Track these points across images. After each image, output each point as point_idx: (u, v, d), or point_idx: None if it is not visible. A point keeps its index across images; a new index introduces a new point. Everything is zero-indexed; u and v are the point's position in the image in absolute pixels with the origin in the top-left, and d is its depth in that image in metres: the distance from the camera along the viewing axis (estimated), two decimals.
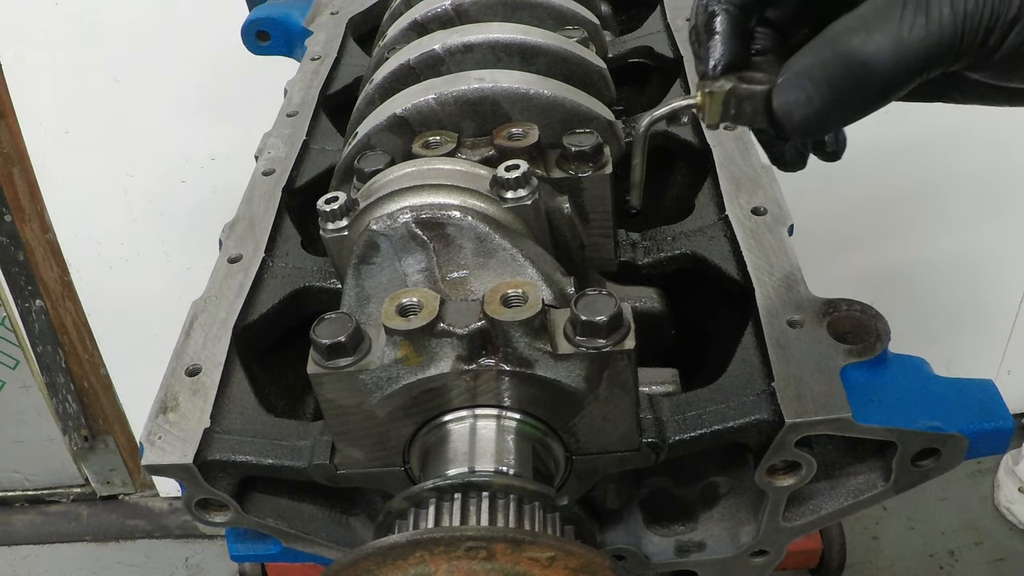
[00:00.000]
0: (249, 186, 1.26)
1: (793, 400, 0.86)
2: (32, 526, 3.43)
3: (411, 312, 0.81)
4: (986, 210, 2.85)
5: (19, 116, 2.62)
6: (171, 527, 3.37)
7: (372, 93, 1.18)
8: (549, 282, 0.92)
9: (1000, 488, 3.07)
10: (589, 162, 1.02)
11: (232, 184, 1.36)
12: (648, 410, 0.90)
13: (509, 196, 0.94)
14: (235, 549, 1.06)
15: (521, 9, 1.25)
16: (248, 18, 1.69)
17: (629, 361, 0.80)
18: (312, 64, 1.50)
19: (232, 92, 2.44)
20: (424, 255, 0.91)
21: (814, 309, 0.94)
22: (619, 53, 1.41)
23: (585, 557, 0.72)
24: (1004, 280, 3.01)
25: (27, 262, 2.94)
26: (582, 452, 0.89)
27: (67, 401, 3.22)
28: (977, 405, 0.88)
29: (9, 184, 2.80)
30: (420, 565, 0.71)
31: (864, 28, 0.68)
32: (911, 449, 0.88)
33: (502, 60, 1.13)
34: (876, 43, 0.67)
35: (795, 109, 0.72)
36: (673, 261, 1.09)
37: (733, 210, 1.09)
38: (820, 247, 2.84)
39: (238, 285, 1.09)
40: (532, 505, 0.78)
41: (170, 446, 0.92)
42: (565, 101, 1.06)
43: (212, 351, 1.01)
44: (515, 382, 0.83)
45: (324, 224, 0.97)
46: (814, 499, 0.97)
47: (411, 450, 0.89)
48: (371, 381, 0.82)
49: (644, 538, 1.03)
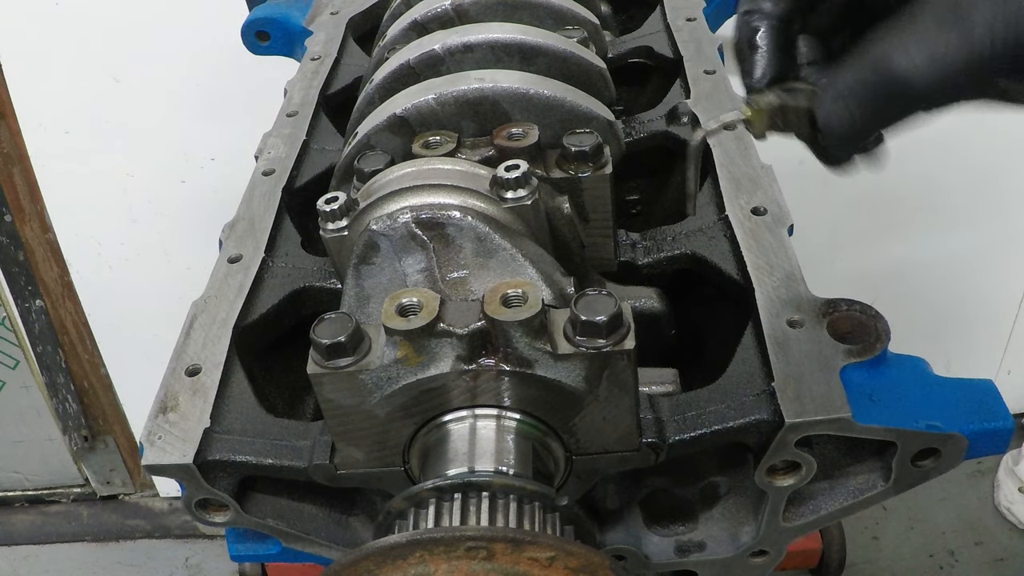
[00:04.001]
0: (249, 186, 1.26)
1: (793, 400, 0.86)
2: (32, 526, 3.43)
3: (411, 312, 0.81)
4: (986, 210, 2.85)
5: (19, 116, 2.62)
6: (171, 527, 3.37)
7: (372, 93, 1.18)
8: (549, 282, 0.92)
9: (1000, 488, 3.07)
10: (589, 162, 1.02)
11: (232, 184, 1.36)
12: (648, 410, 0.90)
13: (509, 196, 0.94)
14: (235, 549, 1.06)
15: (521, 9, 1.25)
16: (248, 18, 1.69)
17: (629, 361, 0.80)
18: (312, 64, 1.50)
19: (232, 92, 2.44)
20: (424, 255, 0.91)
21: (814, 309, 0.94)
22: (619, 53, 1.41)
23: (585, 557, 0.72)
24: (1004, 280, 3.01)
25: (27, 262, 2.94)
26: (582, 452, 0.89)
27: (67, 401, 3.22)
28: (977, 405, 0.88)
29: (9, 184, 2.80)
30: (420, 565, 0.71)
31: (903, 46, 0.69)
32: (911, 449, 0.88)
33: (502, 60, 1.13)
34: (914, 62, 0.68)
35: (837, 124, 0.75)
36: (673, 261, 1.09)
37: (733, 210, 1.08)
38: (820, 247, 2.84)
39: (238, 285, 1.09)
40: (532, 505, 0.78)
41: (170, 446, 0.92)
42: (565, 101, 1.06)
43: (212, 351, 1.01)
44: (515, 382, 0.83)
45: (324, 224, 0.97)
46: (814, 499, 0.97)
47: (411, 450, 0.89)
48: (371, 381, 0.82)
49: (644, 538, 1.03)
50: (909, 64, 0.68)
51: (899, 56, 0.68)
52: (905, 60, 0.68)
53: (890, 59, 0.69)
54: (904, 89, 0.69)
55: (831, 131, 0.76)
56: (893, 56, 0.69)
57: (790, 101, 0.79)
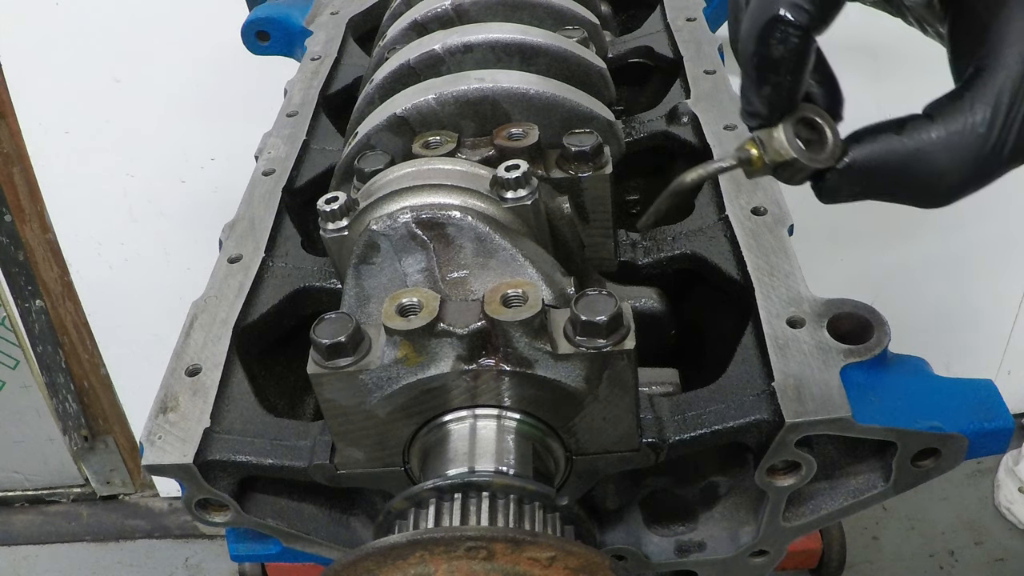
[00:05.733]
0: (249, 186, 1.26)
1: (793, 400, 0.86)
2: (32, 526, 3.43)
3: (411, 312, 0.81)
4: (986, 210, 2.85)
5: (19, 116, 2.62)
6: (171, 527, 3.37)
7: (372, 93, 1.18)
8: (549, 282, 0.92)
9: (1000, 488, 3.07)
10: (589, 162, 1.02)
11: (232, 184, 1.36)
12: (648, 410, 0.90)
13: (509, 196, 0.94)
14: (235, 549, 1.06)
15: (521, 9, 1.25)
16: (248, 18, 1.69)
17: (629, 361, 0.80)
18: (312, 64, 1.50)
19: (232, 92, 2.44)
20: (424, 255, 0.91)
21: (814, 309, 0.94)
22: (619, 53, 1.41)
23: (585, 557, 0.72)
24: (1004, 280, 3.01)
25: (27, 262, 2.94)
26: (582, 452, 0.89)
27: (67, 401, 3.21)
28: (977, 405, 0.87)
29: (9, 184, 2.80)
30: (420, 565, 0.71)
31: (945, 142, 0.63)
32: (911, 449, 0.88)
33: (502, 60, 1.13)
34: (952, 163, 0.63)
35: (841, 195, 0.69)
36: (673, 261, 1.09)
37: (733, 210, 1.09)
38: (820, 247, 2.84)
39: (238, 285, 1.09)
40: (532, 505, 0.78)
41: (170, 446, 0.92)
42: (565, 101, 1.06)
43: (212, 351, 1.01)
44: (515, 382, 0.83)
45: (324, 224, 0.97)
46: (814, 499, 0.97)
47: (411, 450, 0.89)
48: (371, 381, 0.82)
49: (644, 538, 1.03)
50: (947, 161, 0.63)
51: (937, 149, 0.63)
52: (941, 154, 0.63)
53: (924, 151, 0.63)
54: (934, 182, 0.64)
55: (832, 197, 0.69)
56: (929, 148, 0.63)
57: (805, 160, 0.68)
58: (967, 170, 0.64)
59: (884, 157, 0.66)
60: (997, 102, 0.62)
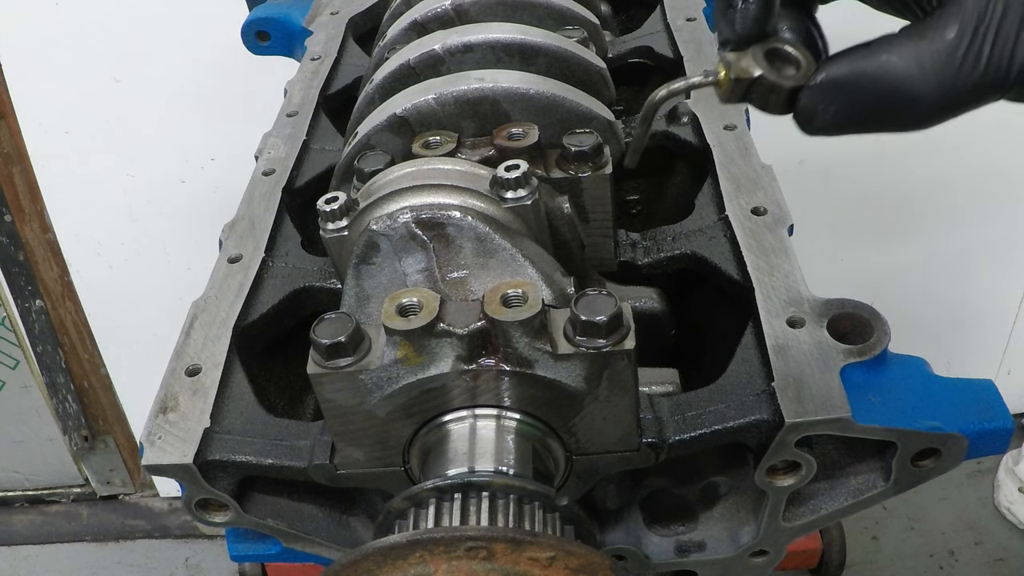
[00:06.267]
0: (249, 186, 1.26)
1: (793, 400, 0.86)
2: (32, 526, 3.43)
3: (411, 312, 0.81)
4: (986, 210, 2.85)
5: (19, 116, 2.62)
6: (171, 527, 3.37)
7: (372, 93, 1.18)
8: (549, 282, 0.92)
9: (1000, 488, 3.07)
10: (589, 162, 1.02)
11: (232, 184, 1.36)
12: (648, 410, 0.90)
13: (509, 196, 0.94)
14: (235, 549, 1.06)
15: (521, 9, 1.25)
16: (248, 18, 1.69)
17: (629, 361, 0.80)
18: (312, 64, 1.50)
19: (232, 92, 2.44)
20: (424, 255, 0.91)
21: (814, 309, 0.94)
22: (619, 53, 1.41)
23: (585, 557, 0.72)
24: (1004, 280, 3.01)
25: (27, 262, 2.94)
26: (582, 452, 0.89)
27: (67, 401, 3.21)
28: (977, 405, 0.88)
29: (9, 184, 2.80)
30: (420, 565, 0.71)
31: (916, 57, 0.64)
32: (911, 449, 0.88)
33: (502, 60, 1.13)
34: (925, 78, 0.63)
35: (818, 117, 0.69)
36: (673, 261, 1.09)
37: (733, 210, 1.08)
38: (820, 247, 2.84)
39: (238, 285, 1.09)
40: (532, 505, 0.78)
41: (170, 446, 0.92)
42: (565, 101, 1.06)
43: (212, 351, 1.01)
44: (515, 382, 0.83)
45: (324, 224, 0.97)
46: (814, 499, 0.97)
47: (411, 450, 0.89)
48: (371, 381, 0.82)
49: (644, 538, 1.03)
50: (919, 79, 0.63)
51: (908, 65, 0.64)
52: (914, 71, 0.63)
53: (897, 66, 0.64)
54: (908, 101, 0.65)
55: (808, 122, 0.69)
56: (902, 63, 0.64)
57: (773, 76, 0.69)
58: (943, 85, 0.64)
59: (857, 73, 0.67)
60: (967, 15, 0.63)
